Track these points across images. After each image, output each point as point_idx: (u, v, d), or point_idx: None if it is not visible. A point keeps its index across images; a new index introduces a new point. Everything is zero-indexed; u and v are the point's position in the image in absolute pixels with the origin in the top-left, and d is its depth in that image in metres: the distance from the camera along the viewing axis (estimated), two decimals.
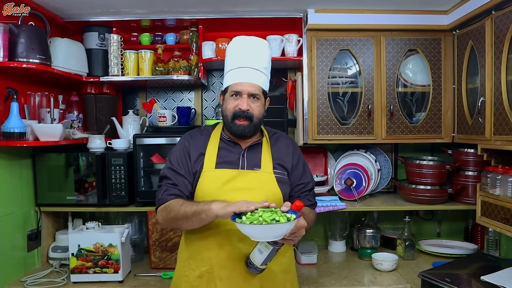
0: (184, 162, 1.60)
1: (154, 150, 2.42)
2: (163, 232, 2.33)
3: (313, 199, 1.72)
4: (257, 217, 1.31)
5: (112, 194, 2.31)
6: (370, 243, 2.49)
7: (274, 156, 1.65)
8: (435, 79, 2.41)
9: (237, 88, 1.59)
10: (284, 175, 1.64)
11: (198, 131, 1.72)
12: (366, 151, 2.65)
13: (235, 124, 1.60)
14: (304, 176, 1.70)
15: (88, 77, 2.46)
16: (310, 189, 1.72)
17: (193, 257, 1.58)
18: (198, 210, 1.41)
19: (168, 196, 1.56)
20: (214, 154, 1.60)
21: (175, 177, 1.58)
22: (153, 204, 2.20)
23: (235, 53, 1.63)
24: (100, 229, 2.19)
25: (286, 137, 1.76)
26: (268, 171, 1.61)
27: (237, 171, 1.58)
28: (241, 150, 1.63)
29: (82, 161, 2.31)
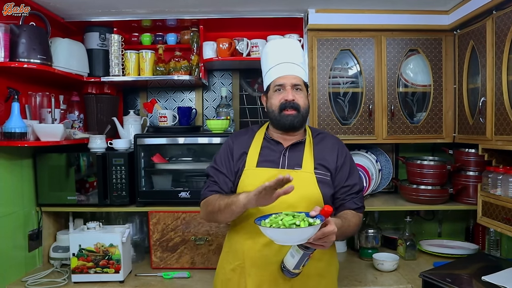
0: (226, 161, 1.67)
1: (155, 150, 2.43)
2: (164, 232, 2.33)
3: (359, 202, 1.67)
4: (278, 220, 1.31)
5: (113, 194, 2.32)
6: (371, 243, 2.48)
7: (317, 156, 1.64)
8: (436, 79, 2.41)
9: (280, 81, 1.63)
10: (326, 176, 1.62)
11: (243, 131, 1.78)
12: (367, 151, 2.65)
13: (283, 116, 1.63)
14: (351, 178, 1.66)
15: (89, 77, 2.46)
16: (357, 191, 1.67)
17: (231, 250, 1.64)
18: (229, 202, 1.48)
19: (209, 192, 1.64)
20: (256, 153, 1.64)
21: (216, 175, 1.66)
22: (153, 204, 2.33)
23: (272, 53, 1.70)
24: (101, 229, 2.19)
25: (332, 138, 1.76)
26: (308, 171, 1.60)
27: (277, 170, 1.59)
28: (283, 149, 1.64)
29: (83, 161, 2.31)
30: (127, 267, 2.23)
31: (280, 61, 1.66)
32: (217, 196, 1.59)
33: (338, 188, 1.64)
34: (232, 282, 1.62)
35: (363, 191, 1.70)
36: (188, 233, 2.32)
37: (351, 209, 1.63)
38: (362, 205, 1.68)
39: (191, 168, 2.44)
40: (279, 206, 1.50)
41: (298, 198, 1.55)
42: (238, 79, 2.82)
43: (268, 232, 1.28)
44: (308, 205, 1.54)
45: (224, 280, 1.66)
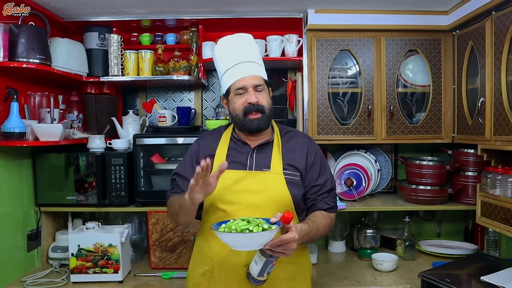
0: (189, 165, 1.63)
1: (154, 150, 2.42)
2: (163, 232, 2.33)
3: (331, 202, 1.61)
4: (232, 225, 1.28)
5: (112, 194, 2.31)
6: (370, 243, 2.49)
7: (285, 156, 1.59)
8: (435, 80, 2.41)
9: (241, 84, 1.57)
10: (296, 177, 1.57)
11: (210, 133, 1.73)
12: (366, 151, 2.64)
13: (249, 120, 1.57)
14: (322, 177, 1.61)
15: (88, 77, 2.46)
16: (329, 190, 1.61)
17: (200, 254, 1.61)
18: (180, 203, 1.44)
19: (171, 194, 1.62)
20: (224, 154, 1.60)
21: (180, 180, 1.62)
22: (152, 204, 2.33)
23: (225, 53, 1.62)
24: (100, 229, 2.19)
25: (302, 136, 1.70)
26: (277, 172, 1.55)
27: (244, 172, 1.55)
28: (250, 150, 1.60)
29: (82, 161, 2.31)
30: (126, 267, 2.23)
31: (236, 61, 1.59)
32: (174, 198, 1.56)
33: (308, 188, 1.59)
34: (203, 286, 1.59)
35: (335, 189, 1.65)
36: (187, 233, 2.33)
37: (322, 209, 1.58)
38: (334, 204, 1.63)
39: None
40: (247, 210, 1.48)
41: (267, 200, 1.51)
42: None
43: (222, 236, 1.26)
44: (277, 207, 1.50)
45: (195, 285, 1.62)
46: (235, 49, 1.61)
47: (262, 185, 1.53)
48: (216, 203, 1.54)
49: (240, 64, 1.58)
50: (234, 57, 1.60)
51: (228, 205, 1.52)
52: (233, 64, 1.59)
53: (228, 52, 1.62)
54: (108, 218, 2.64)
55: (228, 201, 1.52)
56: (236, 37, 1.64)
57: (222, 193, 1.53)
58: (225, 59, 1.62)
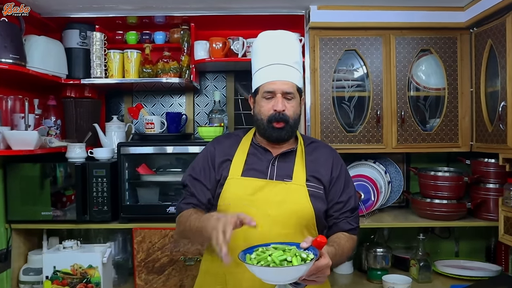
0: (206, 168, 1.63)
1: (140, 160, 2.41)
2: (149, 252, 2.31)
3: (354, 222, 1.63)
4: (266, 256, 1.25)
5: (93, 209, 2.29)
6: (380, 263, 2.46)
7: (309, 167, 1.61)
8: (450, 82, 2.40)
9: (270, 88, 1.59)
10: (319, 190, 1.59)
11: (226, 136, 1.75)
12: (375, 161, 2.63)
13: (272, 128, 1.59)
14: (345, 193, 1.63)
15: (67, 79, 2.44)
16: (352, 209, 1.63)
17: (209, 272, 1.59)
18: (199, 227, 1.40)
19: (184, 205, 1.60)
20: (242, 160, 1.61)
21: (193, 184, 1.62)
22: (138, 220, 2.32)
23: (263, 50, 1.64)
24: (79, 249, 2.16)
25: (327, 147, 1.73)
26: (299, 183, 1.56)
27: (264, 181, 1.56)
28: (271, 158, 1.61)
29: (60, 172, 2.29)
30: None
31: (271, 61, 1.61)
32: (191, 213, 1.53)
33: (331, 204, 1.61)
34: None
35: (358, 209, 1.67)
36: (177, 253, 2.30)
37: (344, 230, 1.60)
38: (358, 225, 1.65)
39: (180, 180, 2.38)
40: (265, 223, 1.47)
41: (288, 213, 1.52)
42: (233, 82, 2.81)
43: (256, 271, 1.22)
44: (298, 222, 1.52)
45: None
46: (272, 47, 1.63)
47: (282, 196, 1.53)
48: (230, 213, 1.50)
49: (274, 66, 1.61)
50: (270, 56, 1.62)
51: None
52: (266, 64, 1.62)
53: (264, 49, 1.64)
54: (88, 236, 2.60)
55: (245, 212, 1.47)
56: (276, 34, 1.67)
57: (238, 202, 1.53)
58: (260, 56, 1.65)
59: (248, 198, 1.54)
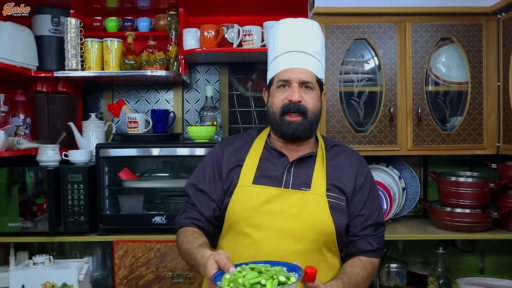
0: (211, 177, 1.62)
1: (122, 163, 2.41)
2: (132, 268, 2.28)
3: (376, 243, 1.58)
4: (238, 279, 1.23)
5: (69, 219, 2.28)
6: (394, 281, 2.45)
7: (330, 174, 1.58)
8: (474, 75, 2.39)
9: (285, 76, 1.58)
10: (341, 201, 1.56)
11: (236, 137, 1.74)
12: (388, 165, 2.62)
13: (285, 122, 1.57)
14: (369, 206, 1.59)
15: (38, 72, 2.43)
16: (375, 224, 1.59)
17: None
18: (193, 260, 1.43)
19: (184, 221, 1.60)
20: (254, 165, 1.59)
21: (196, 196, 1.62)
22: (120, 232, 2.33)
23: (281, 37, 1.64)
24: (52, 265, 2.12)
25: (351, 152, 1.71)
26: (319, 193, 1.54)
27: (278, 189, 1.54)
28: (288, 163, 1.59)
29: (30, 177, 2.28)
30: None
31: (287, 48, 1.60)
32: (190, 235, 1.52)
33: (351, 218, 1.58)
34: None
35: (383, 227, 1.63)
36: (164, 268, 2.28)
37: (363, 251, 1.57)
38: (380, 247, 1.60)
39: (168, 186, 2.42)
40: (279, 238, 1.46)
41: (304, 227, 1.49)
42: (227, 75, 2.81)
43: None
44: (316, 237, 1.50)
45: None
46: (291, 35, 1.63)
47: (299, 207, 1.52)
48: (239, 226, 1.52)
49: (291, 53, 1.60)
50: (287, 44, 1.61)
51: (255, 230, 1.50)
52: (283, 52, 1.61)
53: (282, 37, 1.64)
54: (62, 250, 2.58)
55: (255, 224, 1.50)
56: (296, 22, 1.67)
57: (249, 213, 1.51)
58: (277, 44, 1.64)
59: (260, 209, 1.52)
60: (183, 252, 1.50)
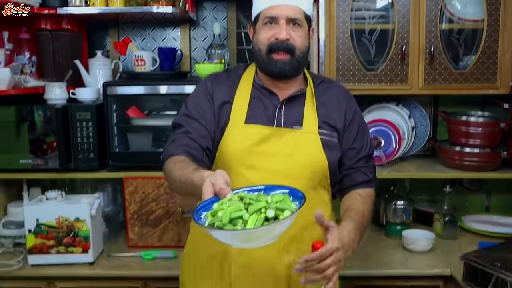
0: (205, 105, 1.57)
1: (130, 101, 2.40)
2: (143, 203, 2.34)
3: (370, 173, 1.62)
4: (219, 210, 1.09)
5: (78, 156, 2.29)
6: (401, 218, 2.48)
7: (321, 111, 1.58)
8: (491, 12, 2.32)
9: (272, 13, 1.52)
10: (333, 137, 1.57)
11: (225, 73, 1.68)
12: (398, 104, 2.62)
13: (272, 60, 1.53)
14: (360, 139, 1.62)
15: (41, 8, 2.34)
16: (367, 156, 1.62)
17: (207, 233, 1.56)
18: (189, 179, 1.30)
19: (174, 149, 1.50)
20: (245, 104, 1.56)
21: (189, 123, 1.55)
22: (129, 168, 2.35)
23: None
24: (64, 200, 2.19)
25: (339, 87, 1.70)
26: (311, 131, 1.54)
27: (270, 129, 1.53)
28: (278, 103, 1.57)
29: (38, 115, 2.27)
30: (97, 246, 2.24)
31: None
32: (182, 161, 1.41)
33: (344, 152, 1.60)
34: (211, 270, 1.57)
35: (373, 158, 1.66)
36: (174, 204, 2.33)
37: (358, 183, 1.59)
38: (374, 177, 1.63)
39: None
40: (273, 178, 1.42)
41: (299, 167, 1.50)
42: (234, 12, 2.75)
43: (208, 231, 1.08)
44: (310, 176, 1.51)
45: (199, 269, 1.60)
46: None
47: (292, 147, 1.51)
48: (234, 166, 1.51)
49: None
50: None
51: (250, 171, 1.49)
52: None
53: None
54: (74, 187, 2.62)
55: (249, 165, 1.50)
56: None
57: (242, 154, 1.50)
58: None
59: (253, 150, 1.51)
60: (175, 180, 1.37)
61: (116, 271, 2.13)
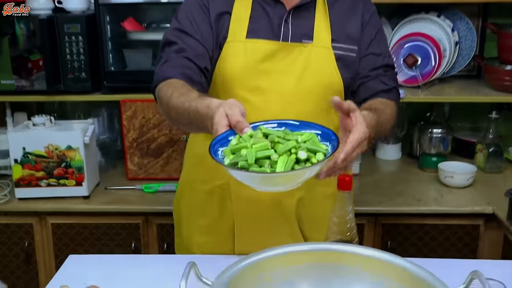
0: (200, 17, 1.47)
1: (126, 12, 2.36)
2: (143, 130, 2.31)
3: (389, 82, 1.52)
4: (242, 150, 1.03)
5: (68, 76, 2.26)
6: (437, 148, 2.44)
7: (334, 21, 1.48)
8: None
9: None
10: (350, 52, 1.48)
11: None
12: (439, 14, 2.49)
13: None
14: (376, 45, 1.52)
15: None
16: (385, 65, 1.52)
17: (203, 162, 1.52)
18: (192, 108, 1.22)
19: (169, 70, 1.41)
20: (246, 15, 1.47)
21: (183, 40, 1.46)
22: (127, 90, 2.32)
23: None
24: (54, 126, 2.17)
25: None
26: (323, 45, 1.45)
27: (277, 43, 1.45)
28: (284, 13, 1.47)
29: (20, 29, 2.24)
30: (93, 178, 2.26)
31: None
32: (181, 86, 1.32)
33: (360, 57, 1.51)
34: (208, 207, 1.55)
35: (394, 69, 1.57)
36: (178, 131, 2.31)
37: (377, 92, 1.49)
38: (394, 86, 1.53)
39: None
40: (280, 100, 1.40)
41: (309, 87, 1.43)
42: None
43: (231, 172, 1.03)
44: (322, 97, 1.43)
45: (194, 206, 1.58)
46: None
47: (302, 63, 1.44)
48: (233, 89, 1.44)
49: None
50: None
51: (253, 94, 1.43)
52: None
53: None
54: (64, 111, 2.64)
55: (253, 87, 1.43)
56: None
57: (244, 73, 1.43)
58: None
59: (257, 68, 1.43)
60: (174, 108, 1.30)
61: (113, 205, 2.14)
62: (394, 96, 1.53)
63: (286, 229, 1.51)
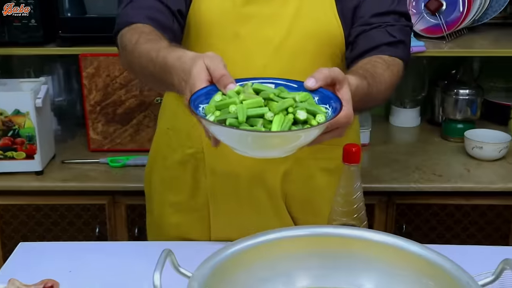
0: None
1: None
2: (108, 90, 2.33)
3: (397, 33, 1.46)
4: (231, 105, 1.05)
5: (14, 24, 2.29)
6: (464, 112, 2.46)
7: None
8: None
9: None
10: None
11: None
12: None
13: None
14: None
15: None
16: (393, 13, 1.48)
17: (176, 128, 1.57)
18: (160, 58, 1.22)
19: (134, 13, 1.40)
20: None
21: None
22: (87, 41, 2.35)
23: None
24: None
25: None
26: None
27: None
28: None
29: None
30: (47, 150, 2.27)
31: None
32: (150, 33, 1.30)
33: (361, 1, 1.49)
34: (181, 181, 1.57)
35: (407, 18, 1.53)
36: (151, 92, 2.33)
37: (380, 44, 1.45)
38: (402, 39, 1.49)
39: None
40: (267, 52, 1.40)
41: (303, 37, 1.42)
42: None
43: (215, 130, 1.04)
44: (319, 49, 1.44)
45: (166, 179, 1.59)
46: None
47: (293, 8, 1.43)
48: (209, 38, 1.44)
49: None
50: None
51: (231, 43, 1.42)
52: None
53: None
54: (9, 68, 2.67)
55: (232, 34, 1.42)
56: None
57: (223, 18, 1.42)
58: None
59: (238, 12, 1.42)
60: (139, 57, 1.27)
61: (73, 183, 2.15)
62: (400, 53, 1.48)
63: (270, 209, 1.52)
